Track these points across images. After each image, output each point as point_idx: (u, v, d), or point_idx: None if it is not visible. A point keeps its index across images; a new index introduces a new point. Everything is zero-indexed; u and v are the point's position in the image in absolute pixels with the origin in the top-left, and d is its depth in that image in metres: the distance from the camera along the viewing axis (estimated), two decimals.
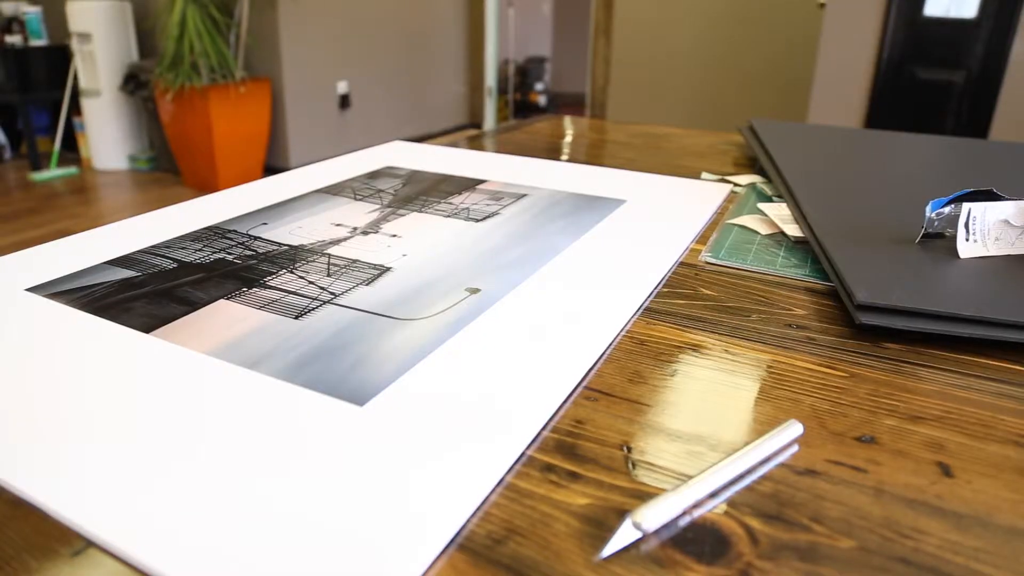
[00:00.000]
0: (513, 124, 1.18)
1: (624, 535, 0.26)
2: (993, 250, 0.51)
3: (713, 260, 0.55)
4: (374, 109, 4.17)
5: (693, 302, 0.48)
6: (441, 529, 0.26)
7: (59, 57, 3.78)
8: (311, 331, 0.41)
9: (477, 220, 0.63)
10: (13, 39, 3.67)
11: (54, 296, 0.45)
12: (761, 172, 0.83)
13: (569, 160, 0.90)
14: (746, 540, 0.27)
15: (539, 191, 0.72)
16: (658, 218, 0.65)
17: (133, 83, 3.66)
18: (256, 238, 0.57)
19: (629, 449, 0.32)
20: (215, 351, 0.39)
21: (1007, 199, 0.52)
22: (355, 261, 0.53)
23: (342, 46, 3.86)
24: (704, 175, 0.83)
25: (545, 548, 0.26)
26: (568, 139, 1.07)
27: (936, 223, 0.53)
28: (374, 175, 0.78)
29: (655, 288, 0.50)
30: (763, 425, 0.34)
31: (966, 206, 0.51)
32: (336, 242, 0.57)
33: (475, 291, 0.47)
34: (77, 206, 3.27)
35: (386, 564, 0.24)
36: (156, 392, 0.35)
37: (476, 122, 4.97)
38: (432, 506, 0.27)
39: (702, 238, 0.61)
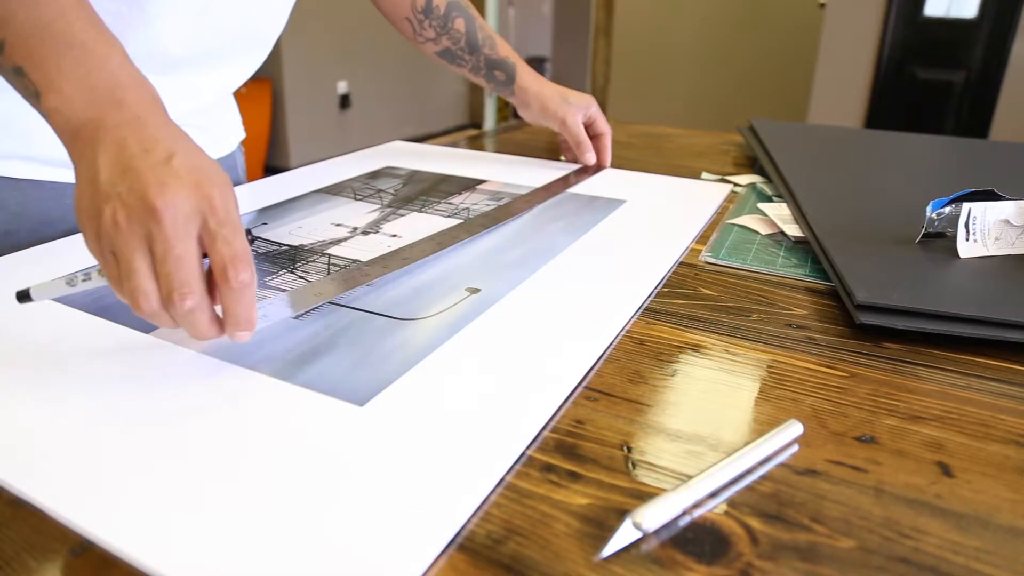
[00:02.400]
0: (513, 124, 1.18)
1: (624, 535, 0.26)
2: (993, 250, 0.51)
3: (713, 260, 0.55)
4: (374, 109, 4.17)
5: (693, 302, 0.48)
6: (441, 529, 0.26)
7: None
8: (311, 331, 0.41)
9: None
10: None
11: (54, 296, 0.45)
12: (761, 172, 0.83)
13: (569, 160, 0.90)
14: (746, 540, 0.27)
15: None
16: (658, 218, 0.64)
17: None
18: (256, 238, 0.57)
19: (629, 449, 0.32)
20: (215, 351, 0.39)
21: (1007, 199, 0.52)
22: (355, 261, 0.53)
23: (342, 46, 3.86)
24: (704, 175, 0.83)
25: (545, 548, 0.26)
26: None
27: (936, 223, 0.53)
28: (374, 175, 0.78)
29: (655, 288, 0.50)
30: (763, 425, 0.34)
31: (966, 206, 0.51)
32: (336, 242, 0.57)
33: (475, 291, 0.47)
34: None
35: (386, 564, 0.24)
36: (156, 392, 0.35)
37: (476, 122, 4.97)
38: (432, 506, 0.27)
39: (702, 238, 0.61)
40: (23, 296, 0.36)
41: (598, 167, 0.83)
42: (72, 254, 0.53)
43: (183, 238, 0.32)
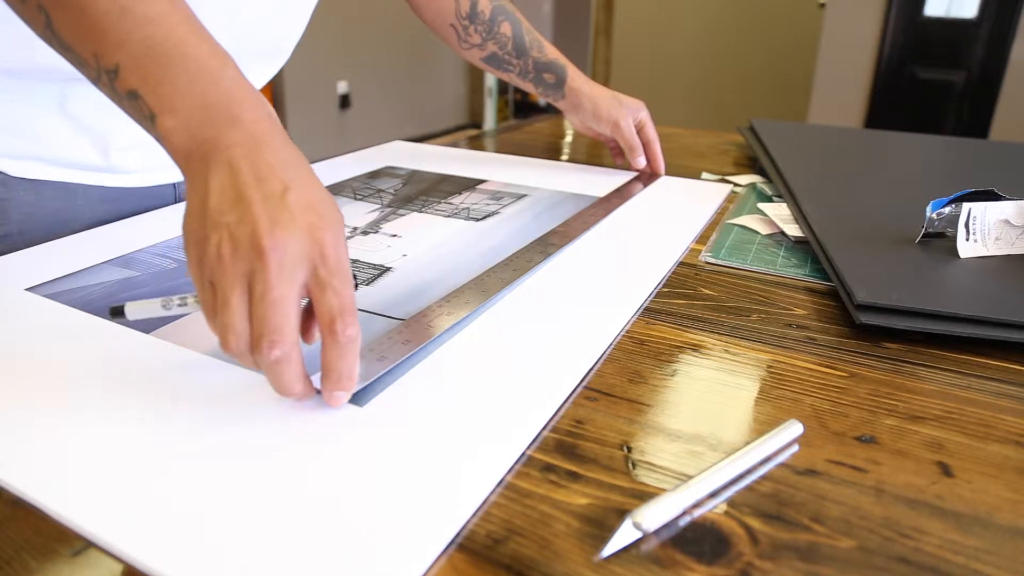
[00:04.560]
0: (513, 124, 1.18)
1: (624, 535, 0.26)
2: (993, 250, 0.51)
3: (713, 260, 0.55)
4: (374, 109, 4.17)
5: (693, 302, 0.48)
6: (441, 529, 0.26)
7: None
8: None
9: (477, 220, 0.63)
10: None
11: (54, 296, 0.45)
12: (761, 172, 0.83)
13: (569, 160, 0.90)
14: (746, 540, 0.27)
15: (539, 191, 0.72)
16: (658, 218, 0.64)
17: None
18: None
19: (629, 449, 0.32)
20: (215, 351, 0.39)
21: (1007, 199, 0.52)
22: (355, 261, 0.53)
23: (342, 46, 3.86)
24: (704, 175, 0.83)
25: (545, 548, 0.26)
26: (568, 139, 1.07)
27: (936, 223, 0.53)
28: (374, 175, 0.78)
29: (655, 288, 0.50)
30: (763, 425, 0.34)
31: (966, 206, 0.51)
32: None
33: None
34: None
35: (386, 564, 0.24)
36: (156, 392, 0.35)
37: (476, 122, 4.97)
38: (432, 506, 0.27)
39: (702, 238, 0.61)
40: (117, 311, 0.36)
41: (653, 175, 0.80)
42: (79, 254, 0.53)
43: (285, 283, 0.30)
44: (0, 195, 0.56)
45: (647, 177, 0.79)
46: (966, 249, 0.51)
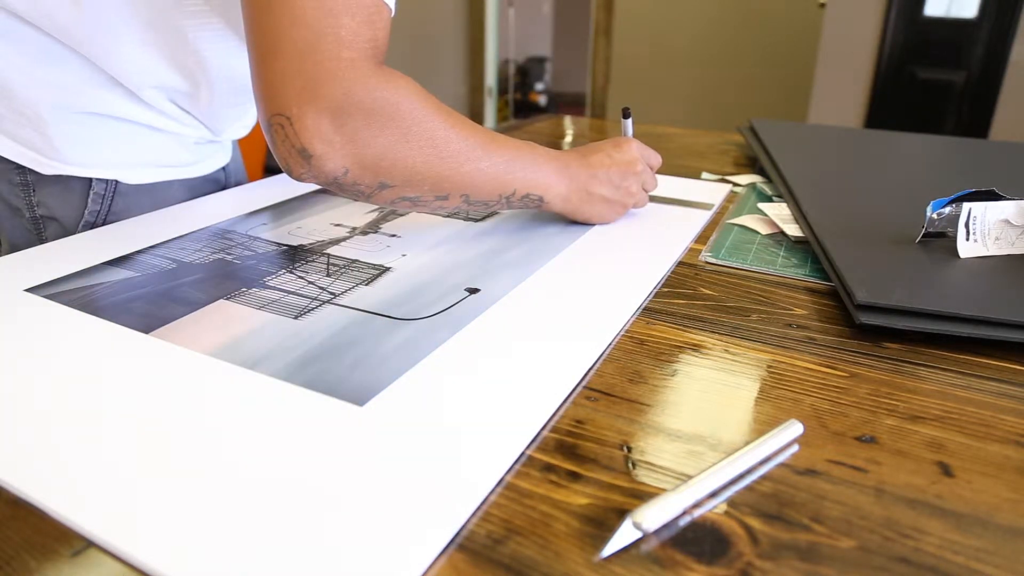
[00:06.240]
0: (513, 124, 1.18)
1: (624, 535, 0.26)
2: (993, 250, 0.51)
3: (713, 260, 0.55)
4: None
5: (693, 302, 0.48)
6: (441, 529, 0.26)
7: None
8: (311, 331, 0.41)
9: (476, 220, 0.63)
10: None
11: (54, 296, 0.45)
12: (761, 172, 0.83)
13: None
14: (746, 540, 0.27)
15: None
16: (658, 218, 0.64)
17: None
18: (256, 238, 0.57)
19: (629, 449, 0.32)
20: (215, 351, 0.39)
21: (1007, 199, 0.52)
22: (354, 261, 0.53)
23: None
24: (704, 175, 0.83)
25: (545, 548, 0.26)
26: (568, 139, 1.06)
27: (937, 223, 0.53)
28: None
29: (655, 288, 0.50)
30: (763, 425, 0.34)
31: (966, 206, 0.51)
32: (335, 242, 0.57)
33: (475, 291, 0.47)
34: None
35: (386, 564, 0.24)
36: (156, 392, 0.35)
37: (476, 122, 4.97)
38: (432, 506, 0.27)
39: (702, 238, 0.61)
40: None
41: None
42: (79, 254, 0.53)
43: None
44: (119, 205, 0.63)
45: None
46: (966, 249, 0.51)
